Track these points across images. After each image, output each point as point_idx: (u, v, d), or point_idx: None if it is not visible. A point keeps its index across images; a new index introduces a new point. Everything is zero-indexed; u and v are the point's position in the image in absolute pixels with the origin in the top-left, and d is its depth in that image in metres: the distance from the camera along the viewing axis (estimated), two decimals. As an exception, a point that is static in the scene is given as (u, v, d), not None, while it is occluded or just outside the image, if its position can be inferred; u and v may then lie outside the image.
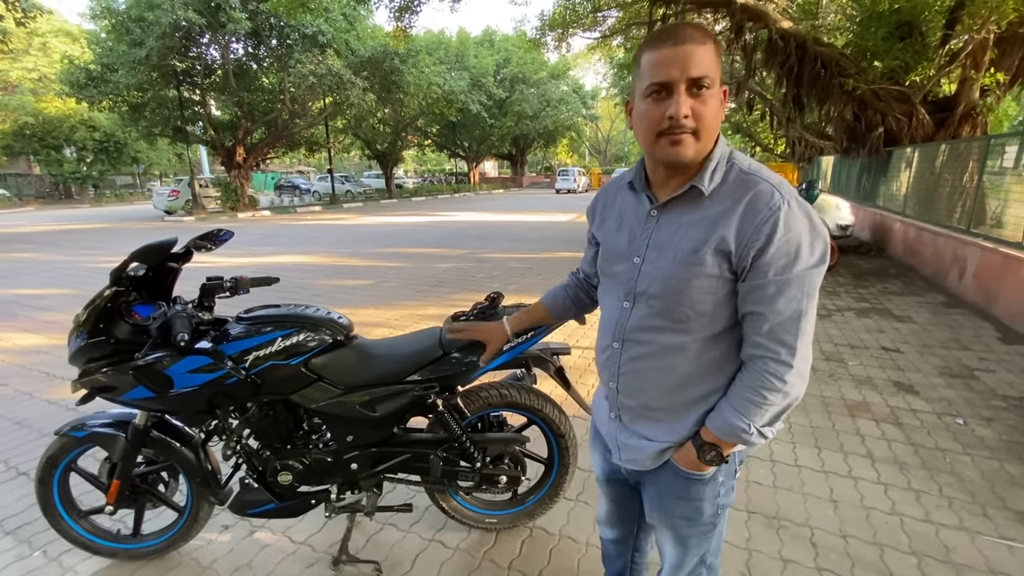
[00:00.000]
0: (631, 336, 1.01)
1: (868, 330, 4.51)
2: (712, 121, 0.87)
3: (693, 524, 1.07)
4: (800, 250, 0.85)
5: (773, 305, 0.87)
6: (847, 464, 2.48)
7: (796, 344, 0.88)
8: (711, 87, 0.85)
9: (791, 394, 0.90)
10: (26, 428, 2.94)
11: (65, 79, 17.51)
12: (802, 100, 9.39)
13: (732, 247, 0.87)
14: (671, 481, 1.05)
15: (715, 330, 0.94)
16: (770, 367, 0.89)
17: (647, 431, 1.04)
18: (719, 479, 1.04)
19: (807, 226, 0.86)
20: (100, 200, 30.03)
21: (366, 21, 20.78)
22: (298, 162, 42.42)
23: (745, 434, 0.92)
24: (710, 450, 0.97)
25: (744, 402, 0.91)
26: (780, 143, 23.20)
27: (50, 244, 11.66)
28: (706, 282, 0.90)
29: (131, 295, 1.66)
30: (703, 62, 0.83)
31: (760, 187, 0.87)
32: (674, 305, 0.93)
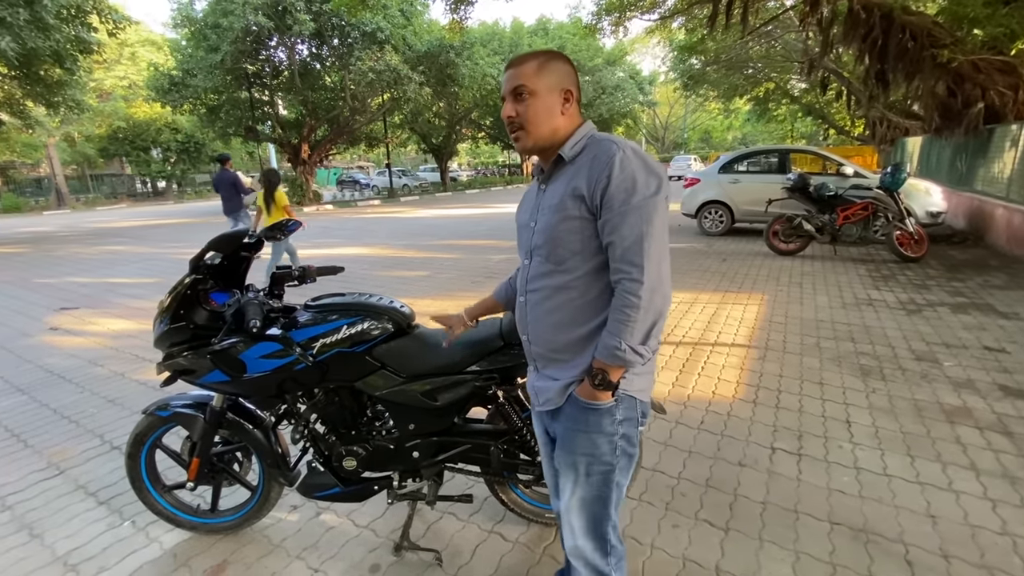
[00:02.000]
0: (530, 287, 1.21)
1: (967, 327, 4.07)
2: (535, 117, 1.12)
3: (593, 462, 1.17)
4: (636, 184, 1.03)
5: (619, 232, 1.04)
6: (946, 476, 2.24)
7: (643, 263, 1.03)
8: (531, 94, 1.11)
9: (650, 308, 1.04)
10: (119, 406, 3.19)
11: (151, 85, 19.00)
12: (887, 76, 8.61)
13: (585, 191, 1.07)
14: (572, 413, 1.17)
15: (589, 267, 1.11)
16: (626, 286, 1.04)
17: (554, 372, 1.20)
18: (616, 416, 1.14)
19: (641, 166, 1.05)
20: (182, 197, 32.47)
21: (423, 16, 21.09)
22: (358, 158, 43.97)
23: (619, 351, 1.05)
24: (598, 374, 1.09)
25: (614, 323, 1.06)
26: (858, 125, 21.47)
27: (138, 238, 12.72)
28: (572, 223, 1.10)
29: (208, 283, 1.73)
30: (519, 77, 1.11)
31: (604, 143, 1.09)
32: (554, 248, 1.13)
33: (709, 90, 24.16)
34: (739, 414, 2.84)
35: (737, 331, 4.23)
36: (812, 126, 30.38)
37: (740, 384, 3.24)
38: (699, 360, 3.64)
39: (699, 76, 21.71)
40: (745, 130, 45.23)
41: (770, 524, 1.97)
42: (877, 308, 4.68)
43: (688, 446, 2.54)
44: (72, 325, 5.13)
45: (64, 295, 6.52)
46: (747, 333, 4.17)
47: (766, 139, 37.97)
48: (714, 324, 4.43)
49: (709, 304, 5.03)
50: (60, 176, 27.41)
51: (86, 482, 2.40)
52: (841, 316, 4.49)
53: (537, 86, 1.11)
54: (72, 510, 2.20)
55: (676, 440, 2.59)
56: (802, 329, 4.19)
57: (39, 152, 27.74)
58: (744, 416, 2.82)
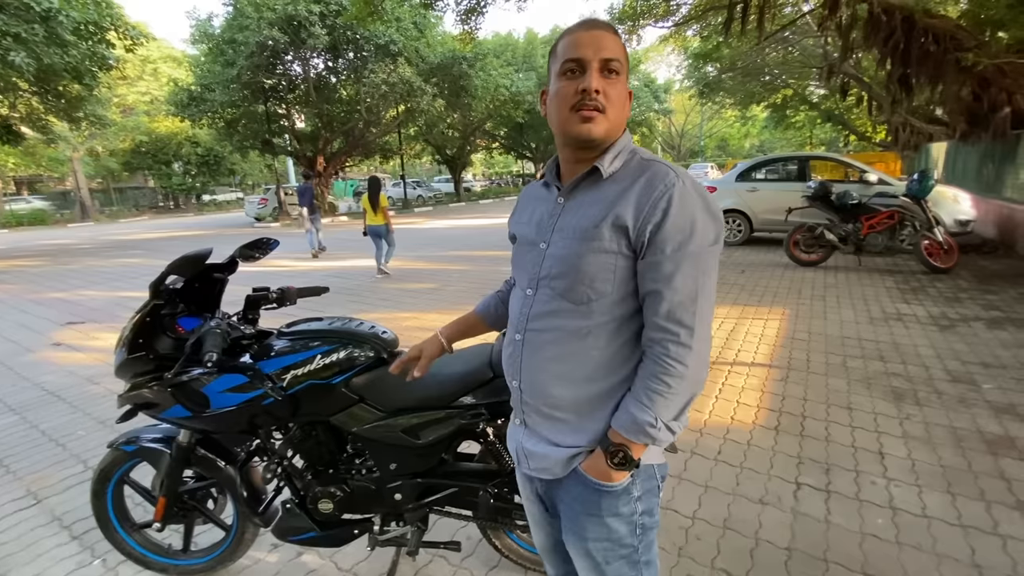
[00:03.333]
0: (533, 325, 0.97)
1: (1004, 345, 3.79)
2: (620, 104, 0.91)
3: (610, 549, 0.96)
4: (695, 227, 0.85)
5: (670, 283, 0.85)
6: (991, 517, 2.00)
7: (694, 324, 0.85)
8: (620, 73, 0.90)
9: (693, 381, 0.87)
10: (108, 427, 3.09)
11: (171, 100, 19.37)
12: (910, 80, 8.31)
13: (629, 223, 0.86)
14: (580, 494, 0.96)
15: (616, 314, 0.91)
16: (670, 350, 0.86)
17: (553, 434, 0.98)
18: (633, 493, 0.94)
19: (701, 205, 0.86)
20: (202, 209, 33.06)
21: (435, 28, 21.25)
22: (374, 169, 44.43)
23: (652, 428, 0.86)
24: (618, 451, 0.89)
25: (648, 392, 0.87)
26: (879, 130, 20.99)
27: (156, 250, 12.86)
28: (604, 258, 0.89)
29: (177, 307, 1.61)
30: (614, 47, 0.89)
31: (657, 167, 0.89)
32: (574, 284, 0.91)
33: (725, 97, 23.89)
34: (760, 443, 2.62)
35: (757, 349, 4.00)
36: (832, 132, 29.82)
37: (761, 408, 3.02)
38: (716, 382, 3.42)
39: (715, 83, 21.48)
40: (763, 137, 44.69)
41: (796, 575, 1.76)
42: (907, 323, 4.41)
43: (704, 480, 2.33)
44: (76, 340, 5.10)
45: (73, 309, 6.54)
46: (768, 351, 3.94)
47: (784, 146, 37.41)
48: (732, 341, 4.20)
49: (727, 320, 4.79)
50: (84, 189, 28.08)
51: (62, 513, 2.29)
52: (868, 332, 4.23)
53: (624, 68, 0.91)
54: (43, 545, 2.08)
55: (691, 473, 2.39)
56: (827, 347, 3.94)
57: (64, 166, 28.50)
58: (765, 445, 2.60)
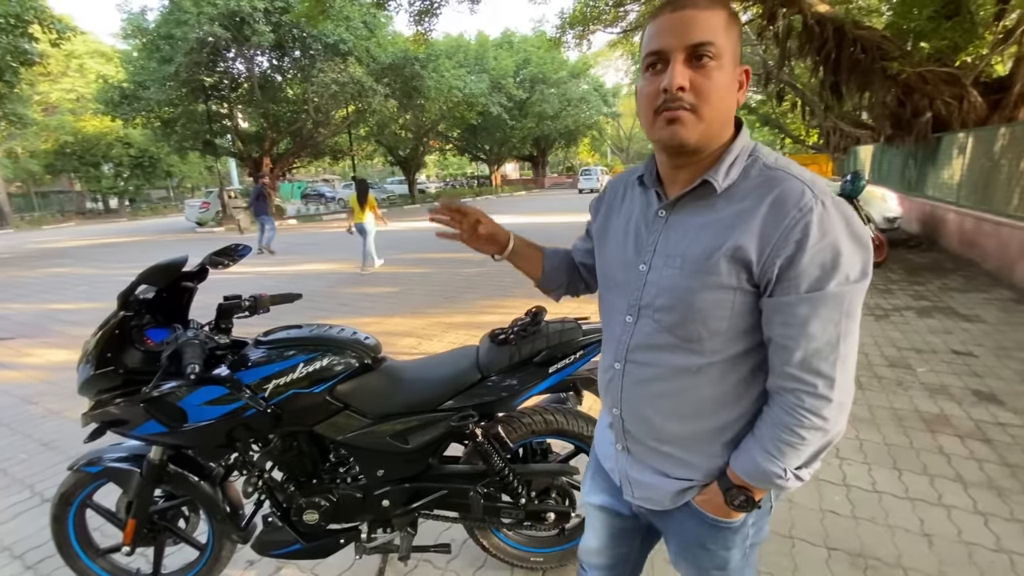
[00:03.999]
0: (634, 357, 0.87)
1: (933, 331, 4.14)
2: (718, 97, 0.74)
3: (721, 570, 0.94)
4: (838, 260, 0.70)
5: (806, 328, 0.72)
6: (935, 490, 2.19)
7: (835, 375, 0.74)
8: (716, 58, 0.72)
9: (831, 431, 0.76)
10: (54, 450, 2.88)
11: (101, 98, 18.14)
12: (840, 87, 8.93)
13: (753, 255, 0.73)
14: (695, 527, 0.90)
15: (734, 351, 0.80)
16: (806, 403, 0.74)
17: (661, 466, 0.90)
18: (749, 522, 0.90)
19: (845, 231, 0.71)
20: (136, 214, 31.06)
21: (386, 28, 20.92)
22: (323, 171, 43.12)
23: (780, 479, 0.78)
24: (739, 494, 0.82)
25: (776, 443, 0.77)
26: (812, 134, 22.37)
27: (86, 258, 11.99)
28: (721, 295, 0.76)
29: (144, 319, 1.53)
30: (705, 28, 0.71)
31: (787, 184, 0.73)
32: (684, 321, 0.79)
33: (671, 101, 24.73)
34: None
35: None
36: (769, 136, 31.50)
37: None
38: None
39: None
40: (706, 140, 46.52)
41: (767, 554, 1.87)
42: (846, 314, 4.74)
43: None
44: (7, 357, 4.69)
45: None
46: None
47: (726, 148, 39.08)
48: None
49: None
50: (2, 194, 25.78)
51: (11, 543, 2.12)
52: (813, 323, 4.51)
53: (726, 48, 0.73)
54: (-11, 580, 1.93)
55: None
56: (777, 338, 4.18)
57: (-23, 169, 26.11)
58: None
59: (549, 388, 1.54)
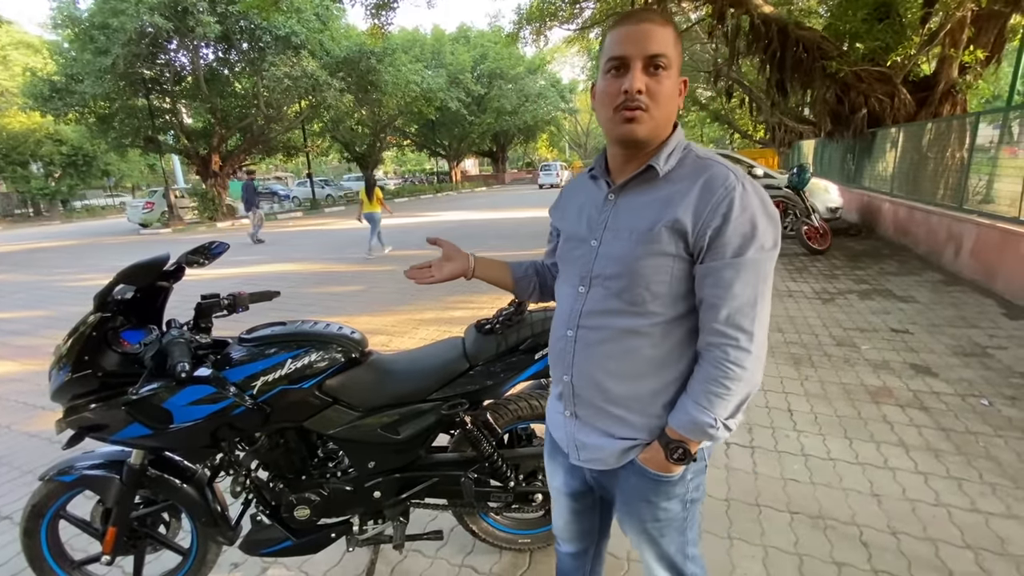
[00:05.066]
0: (586, 322, 0.98)
1: (874, 312, 4.47)
2: (666, 101, 0.89)
3: (665, 525, 1.03)
4: (756, 231, 0.85)
5: (730, 289, 0.85)
6: (881, 454, 2.40)
7: (754, 329, 0.87)
8: (667, 68, 0.87)
9: (751, 382, 0.89)
10: (6, 465, 2.72)
11: (28, 92, 16.87)
12: (785, 85, 9.40)
13: (688, 226, 0.86)
14: (638, 483, 1.01)
15: (672, 314, 0.92)
16: (730, 355, 0.87)
17: (608, 427, 1.00)
18: (688, 477, 1.00)
19: (761, 209, 0.86)
20: (71, 216, 29.06)
21: (339, 21, 20.38)
22: (275, 168, 41.64)
23: (712, 428, 0.89)
24: (677, 447, 0.93)
25: (707, 395, 0.89)
26: (759, 130, 23.36)
27: (20, 264, 11.18)
28: (662, 260, 0.89)
29: (118, 321, 1.49)
30: (661, 41, 0.86)
31: (715, 168, 0.88)
32: (631, 285, 0.92)
33: (626, 97, 25.23)
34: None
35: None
36: (719, 131, 32.65)
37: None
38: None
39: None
40: (660, 135, 47.70)
41: (736, 520, 2.01)
42: (796, 299, 5.04)
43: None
44: (-63, 372, 4.35)
45: (-75, 337, 5.55)
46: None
47: (680, 143, 40.18)
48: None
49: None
50: (-87, 196, 23.60)
51: (-33, 565, 2.01)
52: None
53: (674, 61, 0.88)
54: (-51, 603, 1.82)
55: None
56: (735, 323, 4.40)
57: None
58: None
59: (535, 374, 1.60)
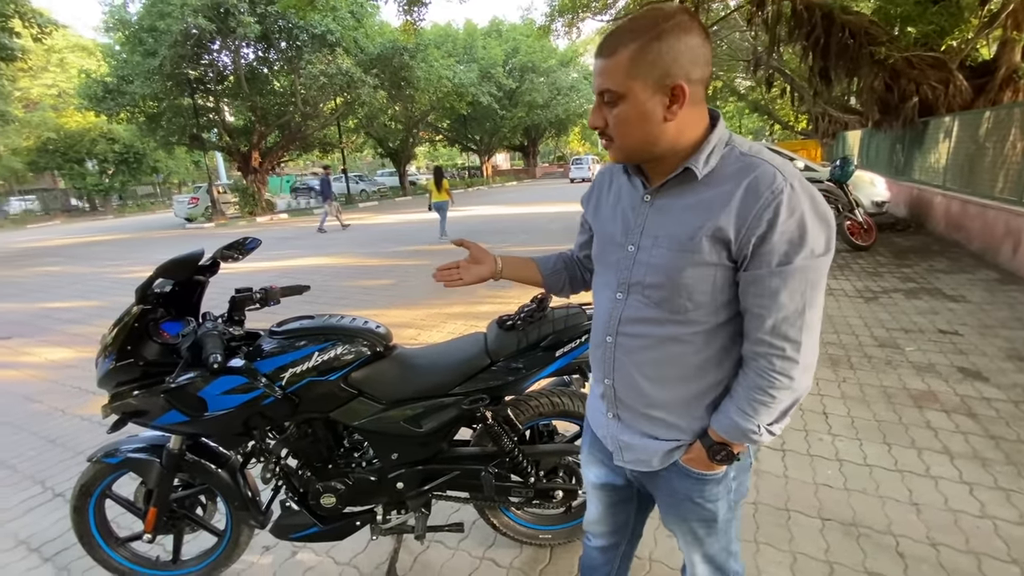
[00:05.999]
0: (625, 329, 0.96)
1: (920, 312, 4.25)
2: (627, 131, 0.85)
3: (709, 524, 1.03)
4: (805, 237, 0.79)
5: (776, 299, 0.81)
6: (923, 462, 2.29)
7: (801, 339, 0.83)
8: (620, 99, 0.83)
9: (798, 390, 0.86)
10: (60, 447, 2.91)
11: (83, 93, 17.81)
12: (829, 73, 8.99)
13: (731, 234, 0.82)
14: (682, 484, 1.00)
15: (715, 321, 0.89)
16: (776, 365, 0.84)
17: (650, 429, 0.99)
18: (731, 474, 1.00)
19: (811, 210, 0.80)
20: (123, 211, 30.64)
21: (373, 18, 20.66)
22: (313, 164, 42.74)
23: (755, 435, 0.88)
24: (720, 450, 0.93)
25: (751, 403, 0.87)
26: (801, 120, 22.48)
27: (76, 257, 11.87)
28: (704, 270, 0.85)
29: (158, 313, 1.57)
30: (607, 76, 0.83)
31: (761, 169, 0.82)
32: (671, 296, 0.89)
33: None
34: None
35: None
36: (758, 122, 31.60)
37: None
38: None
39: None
40: (696, 127, 46.56)
41: (764, 525, 1.95)
42: (837, 297, 4.84)
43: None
44: (4, 357, 4.68)
45: (-8, 324, 5.98)
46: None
47: (716, 135, 39.11)
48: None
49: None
50: (-17, 192, 25.33)
51: (26, 537, 2.16)
52: (805, 307, 4.61)
53: (630, 87, 0.82)
54: (12, 570, 1.97)
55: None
56: (770, 322, 4.27)
57: (-42, 167, 25.60)
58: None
59: (556, 371, 1.60)
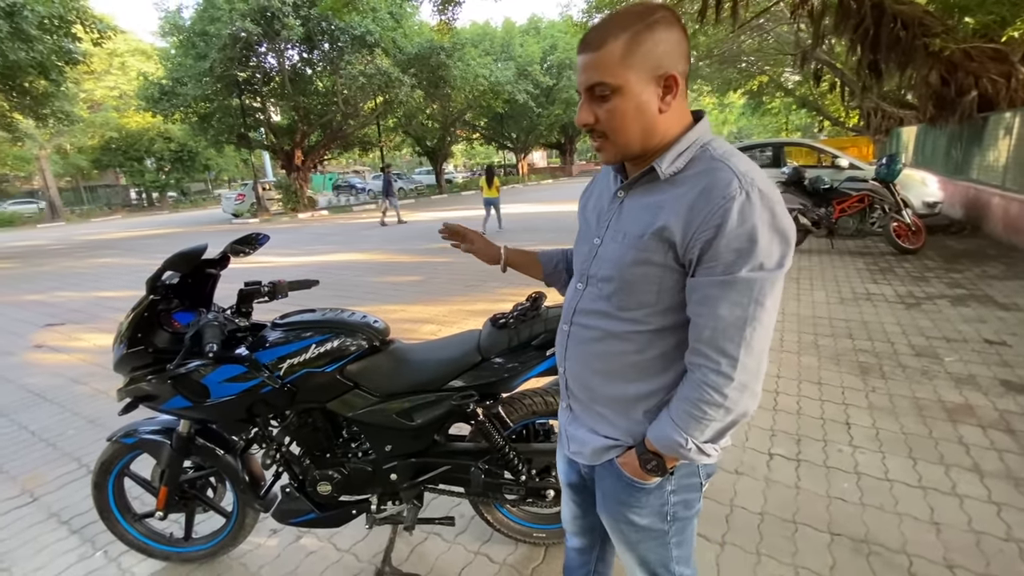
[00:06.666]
0: (579, 319, 0.97)
1: (966, 320, 3.99)
2: (623, 124, 0.82)
3: (639, 531, 0.99)
4: (754, 249, 0.75)
5: (715, 308, 0.78)
6: (949, 479, 2.16)
7: (738, 355, 0.79)
8: (614, 93, 0.79)
9: (734, 410, 0.82)
10: (99, 427, 3.10)
11: (141, 95, 18.91)
12: (879, 66, 8.52)
13: (677, 236, 0.79)
14: (614, 483, 0.98)
15: (660, 324, 0.87)
16: (709, 378, 0.80)
17: (592, 423, 0.99)
18: (667, 488, 0.95)
19: (767, 221, 0.76)
20: (177, 206, 32.35)
21: (412, 18, 21.01)
22: (353, 162, 43.86)
23: (683, 449, 0.85)
24: (651, 459, 0.90)
25: (683, 414, 0.84)
26: (852, 115, 21.42)
27: (131, 249, 12.62)
28: (649, 270, 0.84)
29: (171, 303, 1.66)
30: (597, 69, 0.79)
31: (719, 174, 0.78)
32: (618, 290, 0.88)
33: (703, 84, 24.10)
34: (735, 418, 2.76)
35: (733, 330, 4.14)
36: (807, 118, 30.30)
37: (736, 386, 3.15)
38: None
39: (692, 70, 21.57)
40: (740, 124, 45.18)
41: (768, 536, 1.89)
42: (875, 302, 4.61)
43: (683, 454, 2.45)
44: (57, 342, 5.04)
45: (51, 310, 6.43)
46: (743, 332, 4.08)
47: (761, 133, 37.91)
48: (710, 323, 4.34)
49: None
50: (53, 188, 27.23)
51: (59, 509, 2.32)
52: (839, 312, 4.41)
53: (625, 78, 0.78)
54: (43, 540, 2.12)
55: (670, 448, 2.51)
56: (799, 327, 4.11)
57: (31, 165, 27.60)
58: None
59: (547, 370, 1.59)
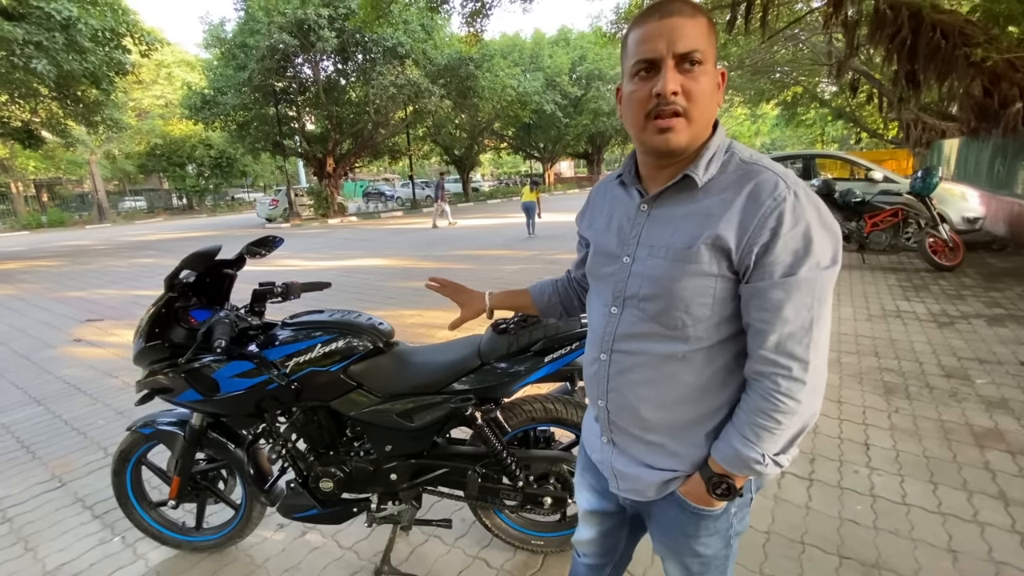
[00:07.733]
0: (620, 346, 0.90)
1: (1003, 341, 3.81)
2: (706, 102, 0.78)
3: (704, 563, 0.96)
4: (811, 248, 0.74)
5: (780, 312, 0.75)
6: (971, 505, 2.06)
7: (808, 357, 0.77)
8: (703, 63, 0.76)
9: (806, 415, 0.79)
10: (127, 418, 3.24)
11: (185, 103, 19.78)
12: (917, 77, 8.27)
13: (731, 243, 0.77)
14: (678, 516, 0.92)
15: (716, 338, 0.83)
16: (781, 386, 0.77)
17: (646, 457, 0.92)
18: (731, 511, 0.91)
19: (817, 220, 0.75)
20: (215, 210, 33.59)
21: (442, 30, 21.41)
22: (384, 170, 44.78)
23: (758, 465, 0.80)
24: (720, 482, 0.84)
25: (754, 428, 0.80)
26: (891, 127, 20.76)
27: (169, 250, 13.15)
28: (703, 281, 0.79)
29: (190, 300, 1.73)
30: (692, 35, 0.75)
31: (762, 176, 0.77)
32: (668, 308, 0.82)
33: (735, 95, 23.76)
34: (748, 434, 2.70)
35: (753, 344, 4.05)
36: (843, 129, 29.48)
37: (752, 401, 3.08)
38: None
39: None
40: (774, 135, 44.30)
41: (773, 556, 1.84)
42: (906, 320, 4.44)
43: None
44: (95, 336, 5.29)
45: (91, 307, 6.76)
46: (763, 347, 3.99)
47: (795, 144, 37.05)
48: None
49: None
50: (101, 191, 28.65)
51: (84, 495, 2.43)
52: (866, 329, 4.27)
53: (709, 54, 0.77)
54: (67, 523, 2.23)
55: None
56: (822, 342, 3.99)
57: (82, 169, 29.13)
58: (753, 436, 2.67)
59: (546, 376, 1.60)
